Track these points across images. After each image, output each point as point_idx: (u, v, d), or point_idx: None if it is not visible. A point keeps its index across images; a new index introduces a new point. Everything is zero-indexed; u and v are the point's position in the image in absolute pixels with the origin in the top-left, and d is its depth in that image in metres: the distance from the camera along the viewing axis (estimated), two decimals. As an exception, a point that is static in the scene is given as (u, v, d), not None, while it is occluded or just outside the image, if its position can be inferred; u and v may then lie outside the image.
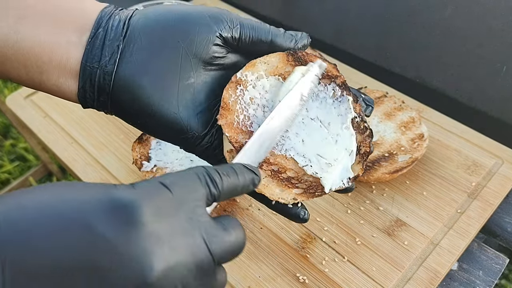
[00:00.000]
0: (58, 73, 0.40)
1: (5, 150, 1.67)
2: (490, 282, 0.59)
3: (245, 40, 0.43)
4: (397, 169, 0.66)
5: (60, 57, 0.39)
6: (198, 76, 0.42)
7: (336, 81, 0.50)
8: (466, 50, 0.78)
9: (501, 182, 0.67)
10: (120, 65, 0.40)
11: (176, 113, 0.41)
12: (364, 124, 0.49)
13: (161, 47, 0.40)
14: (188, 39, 0.40)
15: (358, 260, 0.59)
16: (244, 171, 0.36)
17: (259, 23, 0.44)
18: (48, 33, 0.39)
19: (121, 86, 0.40)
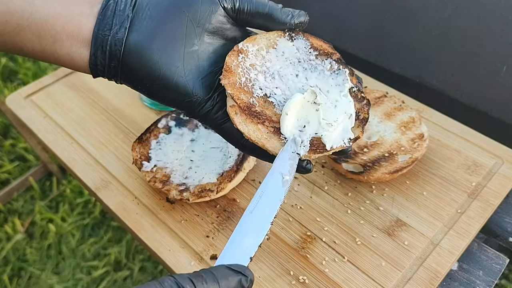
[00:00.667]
0: (70, 42, 0.42)
1: (5, 150, 1.67)
2: (490, 282, 0.59)
3: (244, 11, 0.46)
4: (397, 169, 0.66)
5: (73, 27, 0.42)
6: (201, 44, 0.45)
7: (332, 57, 0.55)
8: (466, 50, 0.78)
9: (501, 182, 0.67)
10: (130, 32, 0.43)
11: (183, 77, 0.44)
12: (361, 94, 0.53)
13: (168, 16, 0.43)
14: (193, 8, 0.44)
15: (358, 260, 0.59)
16: (229, 274, 0.32)
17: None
18: (62, 5, 0.42)
19: (131, 51, 0.43)
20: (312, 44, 0.56)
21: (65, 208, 1.48)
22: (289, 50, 0.53)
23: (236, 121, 0.47)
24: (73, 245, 1.38)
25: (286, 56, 0.54)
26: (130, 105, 0.83)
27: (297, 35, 0.54)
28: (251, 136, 0.47)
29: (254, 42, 0.53)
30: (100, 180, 0.71)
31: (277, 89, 0.52)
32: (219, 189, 0.64)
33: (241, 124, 0.47)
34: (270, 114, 0.49)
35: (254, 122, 0.48)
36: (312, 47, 0.56)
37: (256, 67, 0.51)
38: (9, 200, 1.52)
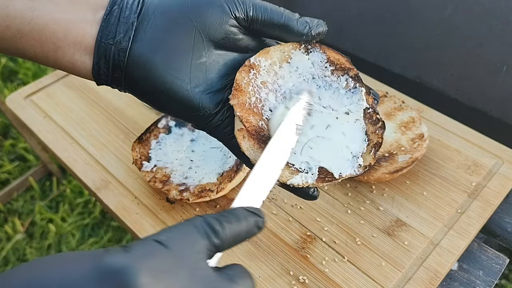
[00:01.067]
0: (73, 49, 0.40)
1: (5, 150, 1.67)
2: (490, 282, 0.59)
3: (257, 21, 0.43)
4: (397, 169, 0.66)
5: (75, 34, 0.40)
6: (210, 56, 0.43)
7: (349, 73, 0.52)
8: (466, 50, 0.78)
9: (501, 182, 0.67)
10: (134, 42, 0.40)
11: (189, 90, 0.42)
12: (377, 116, 0.50)
13: (175, 26, 0.41)
14: (202, 19, 0.41)
15: (358, 260, 0.59)
16: (247, 215, 0.34)
17: (273, 6, 0.44)
18: (64, 10, 0.40)
19: (135, 63, 0.41)
20: (329, 58, 0.53)
21: (65, 208, 1.48)
22: (303, 64, 0.51)
23: (244, 146, 0.45)
24: (73, 245, 1.38)
25: (300, 72, 0.51)
26: (130, 105, 0.83)
27: (314, 48, 0.51)
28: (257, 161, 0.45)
29: (267, 56, 0.50)
30: (100, 180, 0.71)
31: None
32: (219, 189, 0.64)
33: (249, 150, 0.45)
34: None
35: (263, 148, 0.45)
36: (329, 61, 0.53)
37: (267, 85, 0.49)
38: (9, 200, 1.52)
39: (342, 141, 0.49)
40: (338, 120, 0.50)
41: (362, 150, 0.49)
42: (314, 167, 0.47)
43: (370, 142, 0.49)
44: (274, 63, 0.49)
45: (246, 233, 0.33)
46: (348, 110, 0.51)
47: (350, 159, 0.48)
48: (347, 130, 0.50)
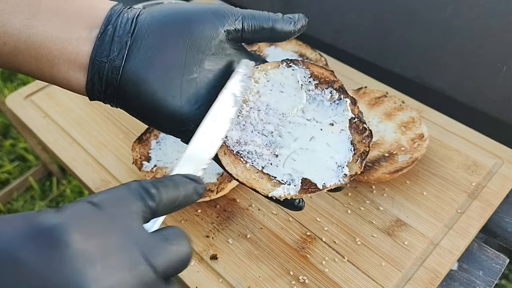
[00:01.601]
0: (68, 66, 0.41)
1: (5, 150, 1.67)
2: (490, 282, 0.59)
3: (248, 31, 0.45)
4: (397, 169, 0.66)
5: (70, 52, 0.41)
6: (201, 72, 0.44)
7: (333, 85, 0.52)
8: (466, 50, 0.78)
9: (501, 182, 0.67)
10: (127, 60, 0.41)
11: (179, 106, 0.43)
12: (363, 125, 0.50)
13: (167, 44, 0.42)
14: (194, 35, 0.42)
15: (358, 260, 0.59)
16: (185, 181, 0.34)
17: (259, 12, 0.46)
18: (60, 29, 0.41)
19: (128, 80, 0.42)
20: (313, 73, 0.53)
21: (65, 208, 1.48)
22: (286, 81, 0.52)
23: (224, 162, 0.47)
24: (73, 245, 1.38)
25: (282, 89, 0.52)
26: (130, 105, 0.82)
27: (296, 65, 0.52)
28: (239, 177, 0.46)
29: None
30: (100, 180, 0.71)
31: (269, 125, 0.50)
32: (219, 189, 0.64)
33: (229, 165, 0.47)
34: (261, 152, 0.48)
35: (242, 162, 0.47)
36: (312, 75, 0.53)
37: (249, 103, 0.50)
38: (9, 200, 1.52)
39: (326, 152, 0.49)
40: (323, 131, 0.51)
41: (348, 159, 0.49)
42: (296, 178, 0.47)
43: (356, 151, 0.49)
44: (256, 82, 0.50)
45: (185, 199, 0.34)
46: (333, 121, 0.51)
47: (335, 169, 0.48)
48: (332, 141, 0.50)
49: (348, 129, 0.50)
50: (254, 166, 0.47)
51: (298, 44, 0.87)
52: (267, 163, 0.48)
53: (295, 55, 0.85)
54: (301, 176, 0.47)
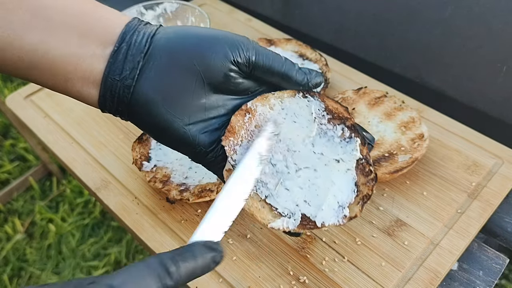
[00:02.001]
0: (81, 82, 0.43)
1: (5, 150, 1.67)
2: (490, 282, 0.59)
3: (259, 68, 0.45)
4: (397, 169, 0.66)
5: (84, 68, 0.42)
6: (209, 98, 0.45)
7: (346, 122, 0.52)
8: (466, 50, 0.78)
9: (501, 182, 0.67)
10: (138, 80, 0.42)
11: (186, 130, 0.44)
12: (370, 167, 0.50)
13: (179, 68, 0.43)
14: (205, 63, 0.43)
15: (358, 260, 0.59)
16: (204, 251, 0.34)
17: (275, 54, 0.46)
18: (75, 45, 0.41)
19: (138, 100, 0.43)
20: (327, 107, 0.53)
21: (65, 208, 1.48)
22: (300, 111, 0.52)
23: None
24: (73, 245, 1.38)
25: (295, 119, 0.52)
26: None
27: (312, 96, 0.52)
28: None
29: (264, 101, 0.51)
30: (100, 180, 0.71)
31: (278, 154, 0.50)
32: (219, 189, 0.64)
33: None
34: (267, 181, 0.48)
35: None
36: (327, 109, 0.53)
37: (261, 129, 0.50)
38: (9, 200, 1.52)
39: (330, 189, 0.49)
40: (329, 167, 0.51)
41: (350, 200, 0.49)
42: (297, 212, 0.48)
43: (359, 193, 0.49)
44: (271, 109, 0.50)
45: (202, 270, 0.34)
46: (340, 158, 0.51)
47: (336, 209, 0.48)
48: (337, 179, 0.50)
49: (355, 170, 0.51)
50: (258, 194, 0.47)
51: (298, 44, 0.87)
52: (271, 193, 0.48)
53: (295, 55, 0.85)
54: (302, 211, 0.48)
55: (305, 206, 0.48)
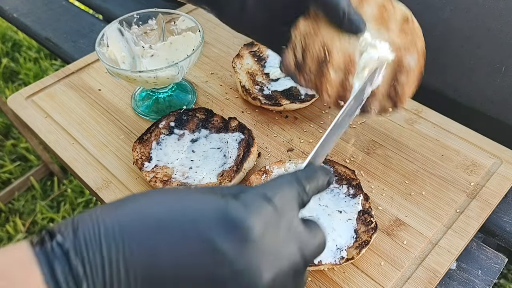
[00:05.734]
0: None
1: (6, 150, 1.67)
2: (489, 281, 0.59)
3: None
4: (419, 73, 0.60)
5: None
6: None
7: (352, 182, 0.62)
8: (466, 50, 0.78)
9: (499, 182, 0.68)
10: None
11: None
12: (371, 218, 0.58)
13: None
14: None
15: (358, 260, 0.60)
16: (323, 174, 0.38)
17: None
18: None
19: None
20: (336, 170, 0.63)
21: (66, 208, 1.49)
22: None
23: None
24: (74, 244, 1.38)
25: None
26: (130, 105, 0.83)
27: (323, 162, 0.61)
28: None
29: (281, 165, 0.63)
30: (101, 180, 0.71)
31: None
32: (219, 189, 0.64)
33: None
34: None
35: None
36: (336, 173, 0.63)
37: None
38: (11, 200, 1.53)
39: (330, 234, 0.56)
40: (330, 216, 0.58)
41: (348, 245, 0.56)
42: None
43: (358, 239, 0.56)
44: (286, 171, 0.62)
45: (320, 189, 0.38)
46: (343, 210, 0.59)
47: (334, 251, 0.55)
48: (338, 226, 0.57)
49: (356, 220, 0.58)
50: None
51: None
52: None
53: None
54: None
55: None
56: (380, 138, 0.75)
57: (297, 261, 0.33)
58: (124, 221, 0.29)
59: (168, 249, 0.29)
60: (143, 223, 0.30)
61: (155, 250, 0.29)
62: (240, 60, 0.85)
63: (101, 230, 0.28)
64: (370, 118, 0.76)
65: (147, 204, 0.31)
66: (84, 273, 0.27)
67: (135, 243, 0.28)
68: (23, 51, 2.07)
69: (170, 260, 0.29)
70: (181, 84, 0.85)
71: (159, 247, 0.29)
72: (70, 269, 0.27)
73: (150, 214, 0.30)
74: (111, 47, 0.77)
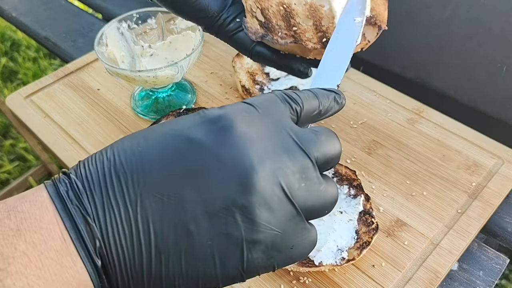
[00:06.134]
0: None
1: (4, 150, 1.67)
2: (490, 282, 0.59)
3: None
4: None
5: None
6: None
7: (353, 183, 0.61)
8: (466, 50, 0.78)
9: (501, 182, 0.67)
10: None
11: None
12: (372, 219, 0.58)
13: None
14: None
15: (358, 261, 0.59)
16: (324, 92, 0.36)
17: None
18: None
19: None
20: (337, 171, 0.63)
21: (65, 208, 1.48)
22: None
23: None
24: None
25: None
26: (130, 105, 0.82)
27: None
28: None
29: None
30: (100, 180, 0.71)
31: None
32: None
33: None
34: None
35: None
36: (337, 173, 0.62)
37: None
38: (9, 200, 1.52)
39: (331, 235, 0.56)
40: (331, 217, 0.58)
41: (349, 245, 0.55)
42: None
43: (359, 240, 0.56)
44: None
45: (327, 108, 0.36)
46: (344, 210, 0.58)
47: (334, 252, 0.55)
48: (338, 227, 0.57)
49: (356, 221, 0.58)
50: None
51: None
52: None
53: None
54: None
55: None
56: (381, 138, 0.74)
57: (300, 158, 0.30)
58: (117, 144, 0.32)
59: (153, 152, 0.30)
60: (132, 138, 0.32)
61: (142, 156, 0.30)
62: (240, 59, 0.84)
63: (96, 155, 0.32)
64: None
65: (138, 134, 0.34)
66: (83, 187, 0.29)
67: (123, 152, 0.31)
68: (22, 51, 2.06)
69: (155, 162, 0.30)
70: (180, 83, 0.85)
71: (144, 153, 0.30)
72: (71, 185, 0.30)
73: (139, 133, 0.33)
74: (110, 47, 0.76)
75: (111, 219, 0.29)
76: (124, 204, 0.29)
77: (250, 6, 0.51)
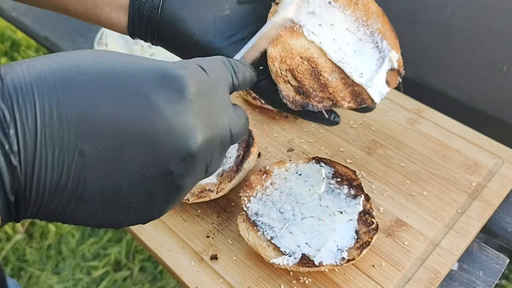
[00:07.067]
0: (110, 8, 0.45)
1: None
2: (490, 282, 0.59)
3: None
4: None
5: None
6: (232, 9, 0.48)
7: (353, 183, 0.62)
8: (466, 50, 0.78)
9: (501, 182, 0.67)
10: (164, 0, 0.46)
11: (213, 41, 0.47)
12: (372, 219, 0.58)
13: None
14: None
15: (358, 261, 0.59)
16: (252, 69, 0.40)
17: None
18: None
19: (166, 20, 0.46)
20: (337, 171, 0.63)
21: (65, 208, 1.48)
22: (312, 173, 0.62)
23: (240, 227, 0.57)
24: (73, 245, 1.38)
25: (307, 179, 0.62)
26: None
27: (325, 163, 0.63)
28: (249, 241, 0.56)
29: (281, 165, 0.64)
30: (100, 180, 0.71)
31: (287, 205, 0.59)
32: (219, 189, 0.64)
33: (244, 230, 0.57)
34: (273, 225, 0.58)
35: (255, 230, 0.57)
36: (336, 173, 0.63)
37: (275, 185, 0.62)
38: (9, 200, 1.52)
39: (331, 235, 0.57)
40: (331, 217, 0.59)
41: (349, 245, 0.56)
42: (298, 252, 0.55)
43: (359, 240, 0.56)
44: (286, 171, 0.63)
45: (248, 83, 0.40)
46: (344, 210, 0.59)
47: (334, 252, 0.55)
48: (338, 227, 0.58)
49: (356, 221, 0.58)
50: (264, 235, 0.56)
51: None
52: (276, 235, 0.56)
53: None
54: (302, 251, 0.55)
55: (306, 247, 0.55)
56: (381, 138, 0.74)
57: (226, 134, 0.34)
58: (58, 70, 0.28)
59: (106, 101, 0.28)
60: (78, 73, 0.28)
61: (93, 102, 0.28)
62: (240, 59, 0.84)
63: (31, 77, 0.27)
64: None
65: (86, 57, 0.30)
66: (12, 118, 0.25)
67: (70, 95, 0.27)
68: (22, 51, 2.06)
69: (108, 114, 0.28)
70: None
71: (96, 100, 0.28)
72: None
73: (88, 65, 0.29)
74: (110, 46, 0.76)
75: (41, 161, 0.26)
76: (61, 148, 0.27)
77: (279, 69, 0.49)
